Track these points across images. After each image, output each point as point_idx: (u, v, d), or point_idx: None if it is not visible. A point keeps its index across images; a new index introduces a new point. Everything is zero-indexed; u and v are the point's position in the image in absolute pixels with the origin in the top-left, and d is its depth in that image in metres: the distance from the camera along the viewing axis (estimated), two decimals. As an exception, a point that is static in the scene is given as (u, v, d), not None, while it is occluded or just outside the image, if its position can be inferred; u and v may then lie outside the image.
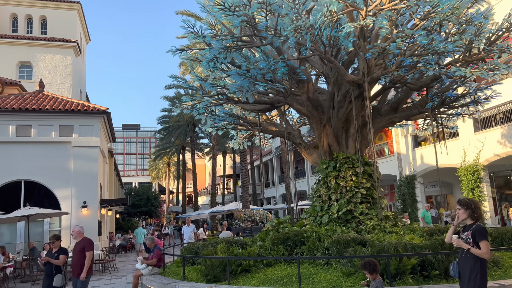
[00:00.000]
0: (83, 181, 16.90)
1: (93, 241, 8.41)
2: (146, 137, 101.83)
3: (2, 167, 16.11)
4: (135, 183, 76.60)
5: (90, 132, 17.33)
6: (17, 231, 16.24)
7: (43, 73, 25.60)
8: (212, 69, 11.30)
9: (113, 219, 30.14)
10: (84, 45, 33.45)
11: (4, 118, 16.33)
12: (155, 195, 47.44)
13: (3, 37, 25.36)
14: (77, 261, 8.07)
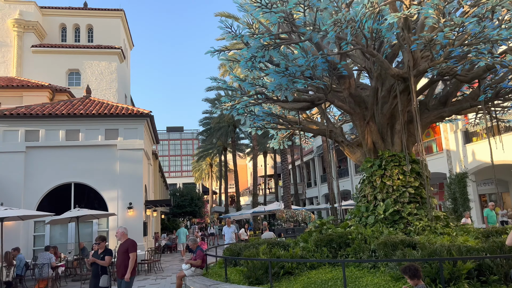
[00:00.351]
0: (129, 182, 17.36)
1: (136, 242, 8.51)
2: (189, 139, 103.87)
3: (54, 170, 16.87)
4: (180, 184, 78.33)
5: (134, 135, 17.78)
6: (68, 232, 16.93)
7: (90, 79, 26.66)
8: (250, 69, 11.19)
9: (158, 219, 30.87)
10: (128, 51, 34.55)
11: (54, 124, 17.10)
12: (199, 195, 48.21)
13: (54, 47, 26.68)
14: (121, 262, 8.20)
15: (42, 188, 16.70)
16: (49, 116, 16.84)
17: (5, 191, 16.22)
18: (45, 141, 16.96)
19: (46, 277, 13.21)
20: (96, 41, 28.97)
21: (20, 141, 16.73)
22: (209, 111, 40.75)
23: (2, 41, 25.68)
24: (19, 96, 20.54)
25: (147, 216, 19.80)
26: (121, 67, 28.89)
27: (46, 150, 16.94)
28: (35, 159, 16.81)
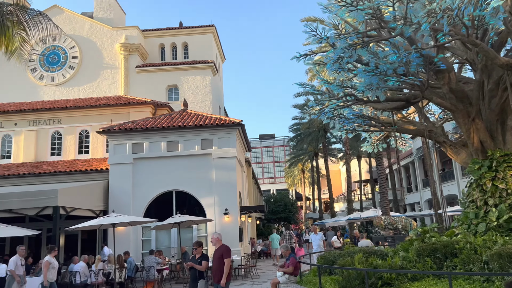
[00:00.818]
0: (224, 189, 18.02)
1: (230, 248, 8.69)
2: (281, 146, 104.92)
3: (157, 179, 18.21)
4: (273, 190, 79.39)
5: (227, 144, 18.44)
6: (171, 237, 18.09)
7: (187, 93, 28.40)
8: (337, 70, 10.87)
9: (253, 225, 31.53)
10: (220, 64, 36.14)
11: (157, 136, 18.50)
12: (292, 201, 48.22)
13: (155, 65, 29.00)
14: (217, 267, 8.44)
15: (147, 196, 18.11)
16: (152, 129, 18.28)
17: (117, 199, 17.93)
18: (149, 152, 18.43)
19: (153, 279, 14.23)
20: (191, 57, 30.84)
21: (128, 153, 18.41)
22: (299, 117, 40.73)
23: (111, 63, 28.67)
24: (127, 113, 22.67)
25: (242, 221, 20.31)
26: (214, 80, 30.31)
27: (150, 161, 18.39)
28: (141, 170, 18.33)
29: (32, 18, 10.93)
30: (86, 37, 29.07)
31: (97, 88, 27.98)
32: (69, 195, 15.37)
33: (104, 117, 22.62)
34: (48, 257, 11.40)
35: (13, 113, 22.90)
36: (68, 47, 28.80)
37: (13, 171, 19.30)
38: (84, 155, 22.64)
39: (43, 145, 22.81)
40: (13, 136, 23.09)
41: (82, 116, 22.92)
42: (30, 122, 23.12)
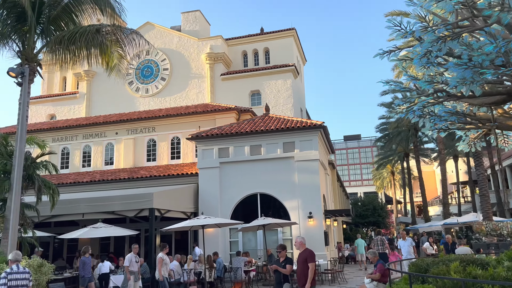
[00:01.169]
0: (307, 192, 17.91)
1: (314, 252, 8.60)
2: (367, 147, 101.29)
3: (242, 183, 18.73)
4: (360, 193, 76.87)
5: (309, 146, 18.32)
6: (257, 239, 18.43)
7: (269, 98, 28.82)
8: (426, 65, 10.16)
9: (340, 229, 30.82)
10: (301, 67, 36.09)
11: (241, 141, 19.06)
12: (381, 205, 46.21)
13: (238, 72, 29.94)
14: (301, 271, 8.39)
15: (234, 199, 18.71)
16: (236, 134, 18.87)
17: (206, 201, 18.79)
18: (234, 156, 19.04)
19: (240, 280, 14.62)
20: (273, 61, 31.24)
21: (215, 158, 19.22)
22: (386, 116, 38.90)
23: (198, 73, 30.23)
24: (213, 119, 23.70)
25: (328, 225, 19.97)
26: (295, 83, 30.34)
27: (235, 164, 19.00)
28: (227, 173, 19.01)
29: (127, 36, 11.96)
30: (175, 49, 31.04)
31: (186, 97, 29.70)
32: (163, 198, 16.47)
33: (193, 124, 23.89)
34: (161, 254, 12.45)
35: (114, 123, 25.26)
36: (160, 60, 31.00)
37: (115, 176, 21.26)
38: (176, 160, 24.13)
39: (140, 151, 24.80)
40: (114, 144, 25.46)
41: (173, 124, 24.48)
42: (128, 131, 25.29)
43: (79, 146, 25.91)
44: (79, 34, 10.95)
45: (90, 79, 31.73)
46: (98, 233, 15.10)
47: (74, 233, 15.24)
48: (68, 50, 12.10)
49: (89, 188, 20.82)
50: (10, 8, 11.28)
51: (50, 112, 32.75)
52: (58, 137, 26.18)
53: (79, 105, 31.92)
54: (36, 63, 11.95)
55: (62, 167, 25.73)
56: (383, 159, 49.37)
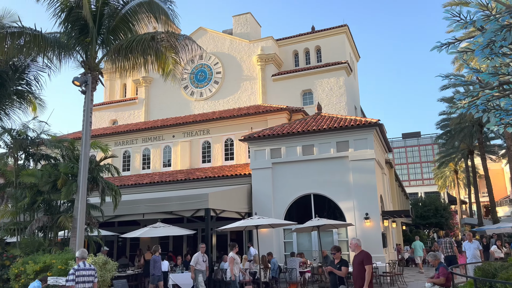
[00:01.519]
0: (363, 193, 17.44)
1: (370, 254, 8.36)
2: (428, 144, 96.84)
3: (295, 183, 18.64)
4: (421, 193, 73.48)
5: (364, 145, 17.83)
6: (312, 240, 18.24)
7: (321, 96, 28.44)
8: (489, 56, 9.51)
9: (399, 230, 29.67)
10: (355, 64, 35.24)
11: (292, 141, 18.98)
12: (444, 205, 43.86)
13: (289, 72, 29.86)
14: (357, 274, 8.20)
15: (287, 199, 18.66)
16: (288, 134, 18.82)
17: (259, 201, 18.92)
18: (286, 157, 19.00)
19: (295, 280, 14.55)
20: (324, 59, 30.79)
21: (267, 159, 19.30)
22: (446, 111, 36.86)
23: (249, 75, 30.54)
24: (265, 120, 23.81)
25: (385, 227, 19.30)
26: (348, 80, 29.68)
27: (287, 165, 18.95)
28: (279, 174, 19.00)
29: (180, 42, 12.36)
30: (227, 53, 31.60)
31: (238, 99, 30.13)
32: (218, 198, 16.81)
33: (245, 126, 24.16)
34: (232, 253, 12.77)
35: (171, 127, 26.19)
36: (212, 64, 31.71)
37: (172, 177, 22.04)
38: (230, 161, 24.54)
39: (195, 153, 25.51)
40: (172, 147, 26.41)
41: (226, 126, 24.91)
42: (184, 134, 26.11)
43: (139, 149, 27.17)
44: (136, 42, 11.48)
45: (148, 85, 33.18)
46: (157, 233, 15.73)
47: (135, 233, 15.99)
48: (126, 58, 12.74)
49: (149, 189, 21.74)
50: (74, 21, 12.08)
51: (112, 117, 34.66)
52: (119, 141, 27.62)
53: (138, 110, 33.50)
54: (98, 72, 12.69)
55: (124, 170, 27.12)
56: (445, 157, 46.78)
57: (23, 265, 10.43)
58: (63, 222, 11.82)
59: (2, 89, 13.17)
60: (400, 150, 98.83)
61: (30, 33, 11.62)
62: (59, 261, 10.24)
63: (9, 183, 13.17)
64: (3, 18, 13.77)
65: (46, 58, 12.44)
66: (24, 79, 14.01)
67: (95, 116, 35.32)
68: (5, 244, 12.81)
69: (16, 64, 13.50)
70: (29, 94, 14.98)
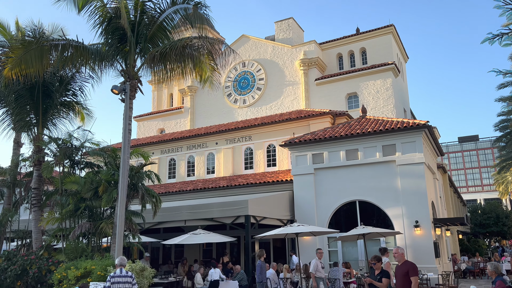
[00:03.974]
0: (412, 199, 16.41)
1: (416, 265, 7.67)
2: (487, 148, 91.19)
3: (338, 189, 17.92)
4: (480, 200, 68.93)
5: (412, 149, 16.81)
6: (357, 249, 17.40)
7: (367, 99, 27.42)
8: (550, 46, 8.56)
9: (455, 239, 27.79)
10: (403, 64, 33.77)
11: (335, 145, 18.30)
12: (506, 212, 40.70)
13: (333, 76, 29.12)
14: (401, 286, 7.54)
15: (330, 206, 17.98)
16: (330, 139, 18.17)
17: (301, 208, 18.39)
18: (329, 162, 18.34)
19: (339, 291, 13.85)
20: (370, 61, 29.74)
21: (309, 164, 18.74)
22: (505, 112, 34.23)
23: (292, 80, 30.14)
24: (307, 125, 23.26)
25: (438, 235, 18.03)
26: (396, 82, 28.43)
27: (330, 170, 18.28)
28: (322, 179, 18.37)
29: (213, 47, 12.30)
30: (269, 59, 31.45)
31: (281, 105, 29.80)
32: (258, 205, 16.51)
33: (287, 131, 23.75)
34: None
35: (214, 134, 26.34)
36: (255, 71, 31.68)
37: (215, 184, 22.07)
38: (272, 167, 24.20)
39: (238, 160, 25.44)
40: (215, 154, 26.54)
41: (268, 132, 24.63)
42: (227, 141, 26.15)
43: (183, 157, 27.56)
44: (170, 49, 11.53)
45: (193, 94, 33.76)
46: (198, 240, 15.67)
47: (175, 239, 16.04)
48: (164, 65, 12.87)
49: (192, 196, 21.90)
50: (113, 31, 12.38)
51: (160, 126, 35.59)
52: (165, 149, 28.20)
53: (184, 118, 34.16)
54: (137, 80, 12.90)
55: (170, 177, 27.61)
56: (506, 161, 43.45)
57: (65, 271, 10.68)
58: (104, 228, 12.03)
59: (49, 100, 13.78)
60: (457, 154, 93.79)
61: (73, 44, 12.05)
62: (99, 267, 10.38)
63: (56, 191, 13.69)
64: (53, 33, 14.47)
65: (88, 67, 12.87)
66: (70, 89, 14.59)
67: (144, 126, 36.48)
68: (52, 250, 13.27)
69: (62, 76, 14.09)
70: (77, 104, 15.60)
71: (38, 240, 13.71)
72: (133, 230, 13.04)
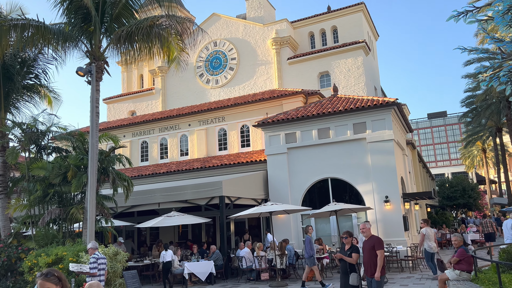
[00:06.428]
0: (382, 175, 16.83)
1: (381, 239, 7.95)
2: (454, 124, 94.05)
3: (311, 168, 18.17)
4: (448, 174, 71.51)
5: (382, 126, 17.14)
6: (330, 225, 17.82)
7: (339, 78, 27.62)
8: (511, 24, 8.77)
9: (423, 213, 28.84)
10: (374, 43, 34.08)
11: (308, 124, 18.45)
12: (472, 185, 42.43)
13: (305, 55, 29.09)
14: (368, 260, 7.81)
15: (303, 184, 18.24)
16: (302, 118, 18.29)
17: (275, 188, 18.58)
18: (301, 141, 18.51)
19: (313, 267, 14.19)
20: (341, 40, 29.84)
21: (282, 144, 18.86)
22: (471, 88, 35.28)
23: (264, 59, 29.95)
24: (280, 105, 23.29)
25: (407, 209, 18.65)
26: (367, 60, 28.70)
27: (302, 149, 18.47)
28: (295, 159, 18.56)
29: (182, 26, 12.00)
30: (241, 38, 31.05)
31: (254, 85, 29.65)
32: (232, 185, 16.57)
33: (260, 111, 23.73)
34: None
35: (187, 115, 26.02)
36: (227, 50, 31.26)
37: (189, 166, 21.94)
38: (246, 148, 24.23)
39: (212, 141, 25.31)
40: (188, 136, 26.30)
41: (241, 112, 24.53)
42: (200, 122, 25.92)
43: (156, 139, 27.19)
44: (136, 28, 11.19)
45: (164, 75, 33.09)
46: (172, 222, 15.64)
47: (150, 222, 15.97)
48: (131, 45, 12.51)
49: (166, 178, 21.73)
50: (75, 10, 11.88)
51: (131, 108, 34.85)
52: (137, 131, 27.72)
53: (155, 100, 33.54)
54: (103, 61, 12.51)
55: (143, 160, 27.26)
56: (472, 136, 45.13)
57: (36, 258, 10.49)
58: (75, 214, 11.82)
59: (10, 83, 13.21)
60: (426, 130, 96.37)
61: (34, 24, 11.51)
62: (71, 253, 10.24)
63: (23, 177, 13.29)
64: (11, 13, 13.77)
65: (52, 48, 12.35)
66: (32, 72, 14.00)
67: (114, 108, 35.62)
68: (21, 237, 12.97)
69: (24, 58, 13.49)
70: (41, 87, 15.02)
71: (6, 228, 13.36)
72: (105, 215, 12.86)
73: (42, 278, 3.24)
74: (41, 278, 3.25)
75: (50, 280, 3.23)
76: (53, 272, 3.28)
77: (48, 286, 3.22)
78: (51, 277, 3.25)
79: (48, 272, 3.27)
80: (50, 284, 3.22)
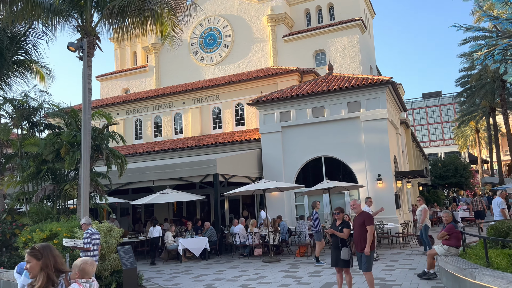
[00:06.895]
0: (375, 154, 16.96)
1: (371, 215, 8.09)
2: (449, 104, 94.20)
3: (305, 146, 18.24)
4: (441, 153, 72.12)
5: (376, 105, 17.17)
6: (323, 202, 18.02)
7: (334, 56, 27.44)
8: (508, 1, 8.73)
9: (415, 191, 29.20)
10: (370, 21, 33.73)
11: (302, 103, 18.42)
12: (464, 165, 42.89)
13: (301, 32, 28.80)
14: (359, 235, 7.95)
15: (297, 163, 18.35)
16: (297, 96, 18.24)
17: (269, 166, 18.68)
18: (296, 120, 18.52)
19: (305, 243, 14.46)
20: (337, 17, 29.50)
21: (276, 122, 18.87)
22: (466, 67, 35.23)
23: (260, 37, 29.61)
24: (275, 83, 23.16)
25: (399, 187, 18.88)
26: (363, 38, 28.48)
27: (297, 128, 18.50)
28: (289, 137, 18.61)
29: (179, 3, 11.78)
30: (236, 14, 30.60)
31: (249, 63, 29.40)
32: (226, 163, 16.63)
33: (255, 90, 23.60)
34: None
35: (181, 93, 25.83)
36: (221, 27, 30.84)
37: (183, 144, 21.93)
38: (240, 126, 24.21)
39: (206, 119, 25.24)
40: (182, 114, 26.18)
41: (236, 90, 24.39)
42: (194, 100, 25.76)
43: (150, 117, 27.05)
44: (128, 3, 10.96)
45: (157, 52, 32.67)
46: (166, 199, 15.74)
47: (144, 199, 16.06)
48: (123, 21, 12.27)
49: (160, 156, 21.74)
50: (66, -17, 11.59)
51: (124, 86, 34.54)
52: (131, 109, 27.52)
53: (149, 78, 33.22)
54: (95, 37, 12.29)
55: (136, 138, 27.18)
56: (466, 116, 45.38)
57: (30, 233, 10.55)
58: (69, 190, 11.85)
59: (1, 58, 12.99)
60: (421, 110, 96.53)
61: (22, -3, 11.23)
62: (65, 228, 10.30)
63: (16, 154, 13.24)
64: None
65: (42, 23, 12.11)
66: (23, 48, 13.76)
67: (107, 85, 35.26)
68: (15, 213, 13.02)
69: (13, 32, 13.23)
70: (33, 63, 14.78)
71: (0, 204, 13.39)
72: (100, 192, 12.90)
73: (28, 252, 3.45)
74: (27, 252, 3.46)
75: (31, 254, 3.42)
76: (36, 247, 3.45)
77: (29, 260, 3.40)
78: (33, 251, 3.44)
79: (33, 247, 3.46)
80: (31, 257, 3.41)
